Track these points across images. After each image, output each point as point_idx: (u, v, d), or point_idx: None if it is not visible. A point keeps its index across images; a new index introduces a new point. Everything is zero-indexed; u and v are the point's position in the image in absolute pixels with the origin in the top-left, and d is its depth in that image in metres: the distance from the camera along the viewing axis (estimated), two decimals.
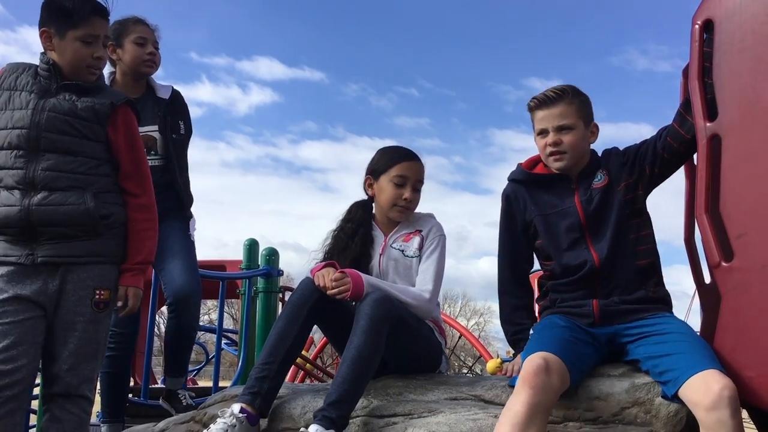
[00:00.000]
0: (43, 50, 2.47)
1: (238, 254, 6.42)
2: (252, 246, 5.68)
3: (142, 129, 3.07)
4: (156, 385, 5.94)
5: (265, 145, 50.46)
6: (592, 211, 2.47)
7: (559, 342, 2.26)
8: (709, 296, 2.36)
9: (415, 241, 2.81)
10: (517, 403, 2.04)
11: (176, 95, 3.35)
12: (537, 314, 2.66)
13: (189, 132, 3.37)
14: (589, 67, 45.84)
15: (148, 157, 3.03)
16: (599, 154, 2.61)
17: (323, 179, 50.12)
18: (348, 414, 2.27)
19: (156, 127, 3.22)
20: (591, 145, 2.59)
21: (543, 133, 2.54)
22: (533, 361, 2.11)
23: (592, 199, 2.49)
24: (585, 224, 2.47)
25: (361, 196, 2.98)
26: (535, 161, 2.66)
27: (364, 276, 2.56)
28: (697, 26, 2.42)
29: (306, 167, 51.79)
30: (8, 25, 46.71)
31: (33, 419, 2.42)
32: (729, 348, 2.20)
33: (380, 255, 2.82)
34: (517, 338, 2.61)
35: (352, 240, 2.84)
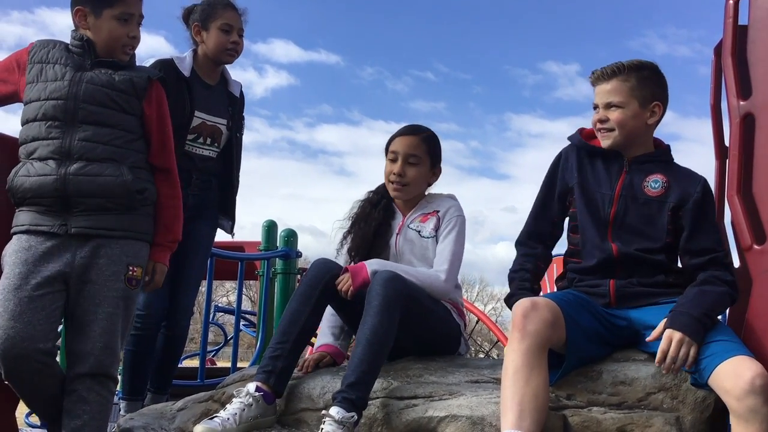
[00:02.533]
0: (74, 28, 2.46)
1: (254, 237, 6.43)
2: (271, 227, 5.68)
3: (212, 119, 3.19)
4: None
5: (282, 128, 50.27)
6: (627, 215, 2.38)
7: (553, 295, 2.22)
8: (738, 281, 2.30)
9: (432, 221, 2.78)
10: (512, 351, 2.05)
11: (243, 94, 3.41)
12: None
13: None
14: (607, 51, 44.99)
15: (209, 147, 3.21)
16: (671, 153, 2.50)
17: (339, 163, 49.96)
18: (367, 394, 2.24)
19: (225, 122, 3.25)
20: (653, 126, 2.45)
21: (595, 108, 2.47)
22: (520, 305, 2.11)
23: (635, 202, 2.38)
24: (612, 220, 2.38)
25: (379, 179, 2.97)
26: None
27: (367, 262, 2.55)
28: (731, 2, 2.35)
29: (322, 151, 51.61)
30: (26, 6, 47.04)
31: None
32: (759, 333, 2.14)
33: (397, 235, 2.80)
34: (512, 293, 2.44)
35: (375, 208, 2.85)
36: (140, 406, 3.19)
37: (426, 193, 2.91)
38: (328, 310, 2.68)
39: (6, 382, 2.26)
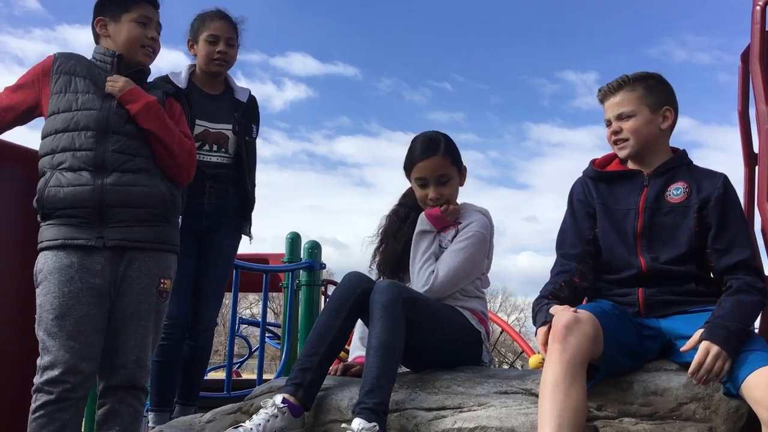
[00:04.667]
0: (96, 43, 2.50)
1: (275, 249, 6.47)
2: (294, 239, 5.71)
3: (215, 126, 3.27)
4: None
5: (301, 140, 50.60)
6: (654, 226, 2.35)
7: (593, 307, 2.19)
8: None
9: (452, 232, 2.78)
10: (552, 363, 2.02)
11: (252, 99, 3.46)
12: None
13: (257, 135, 3.50)
14: (625, 59, 44.63)
15: (217, 154, 3.28)
16: (689, 157, 2.45)
17: (359, 174, 50.07)
18: (385, 401, 2.24)
19: (230, 127, 3.31)
20: (667, 131, 2.44)
21: (608, 123, 2.47)
22: (562, 316, 2.07)
23: (660, 212, 2.36)
24: (640, 233, 2.36)
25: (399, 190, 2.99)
26: (611, 158, 2.55)
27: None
28: (758, 7, 2.34)
29: (341, 162, 51.84)
30: (47, 24, 47.88)
31: None
32: None
33: None
34: (538, 308, 2.30)
35: (404, 223, 2.86)
36: (168, 417, 3.21)
37: (458, 202, 2.89)
38: (359, 321, 2.68)
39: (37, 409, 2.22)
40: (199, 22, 3.31)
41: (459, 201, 2.88)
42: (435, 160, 2.77)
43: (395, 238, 2.84)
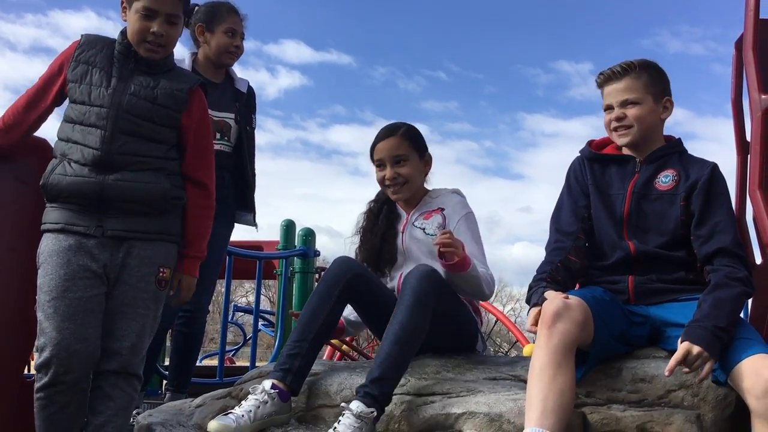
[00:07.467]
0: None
1: (270, 237, 6.47)
2: (289, 227, 5.72)
3: (218, 114, 3.26)
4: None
5: (295, 128, 50.33)
6: (641, 212, 2.36)
7: (583, 293, 2.19)
8: (761, 278, 2.28)
9: (436, 219, 2.75)
10: (539, 348, 2.02)
11: (251, 90, 3.49)
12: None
13: (255, 125, 3.54)
14: (619, 50, 44.41)
15: (220, 142, 3.26)
16: (683, 145, 2.45)
17: (354, 163, 49.81)
18: (390, 391, 2.23)
19: (232, 116, 3.33)
20: (665, 121, 2.44)
21: (609, 108, 2.45)
22: (552, 302, 2.07)
23: (648, 198, 2.36)
24: (626, 217, 2.37)
25: None
26: (608, 141, 2.55)
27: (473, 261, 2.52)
28: None
29: (336, 151, 51.55)
30: (39, 9, 47.54)
31: None
32: None
33: (402, 233, 2.80)
34: (534, 288, 2.31)
35: (378, 218, 2.87)
36: (141, 401, 3.23)
37: (429, 188, 2.89)
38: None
39: (39, 394, 2.22)
40: (213, 12, 3.31)
41: (430, 187, 2.89)
42: (392, 141, 2.79)
43: (372, 233, 2.83)
